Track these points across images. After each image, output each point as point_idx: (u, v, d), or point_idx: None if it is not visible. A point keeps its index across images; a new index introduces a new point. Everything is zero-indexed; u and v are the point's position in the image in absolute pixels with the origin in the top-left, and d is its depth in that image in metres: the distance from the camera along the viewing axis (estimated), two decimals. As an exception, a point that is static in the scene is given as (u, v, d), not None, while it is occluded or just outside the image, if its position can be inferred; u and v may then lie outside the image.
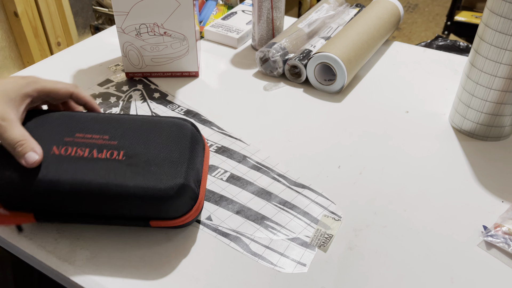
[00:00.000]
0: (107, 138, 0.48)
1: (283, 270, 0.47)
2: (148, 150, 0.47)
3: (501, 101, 0.60)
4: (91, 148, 0.47)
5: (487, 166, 0.60)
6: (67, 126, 0.49)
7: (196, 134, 0.51)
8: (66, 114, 0.50)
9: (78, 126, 0.49)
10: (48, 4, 1.68)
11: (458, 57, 0.85)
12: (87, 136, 0.48)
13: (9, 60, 1.67)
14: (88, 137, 0.48)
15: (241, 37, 0.87)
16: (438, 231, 0.51)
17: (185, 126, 0.50)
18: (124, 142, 0.47)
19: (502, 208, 0.54)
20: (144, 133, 0.48)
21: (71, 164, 0.45)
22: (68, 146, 0.47)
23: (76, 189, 0.44)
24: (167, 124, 0.50)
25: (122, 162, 0.46)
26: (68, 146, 0.47)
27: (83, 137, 0.47)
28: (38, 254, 0.48)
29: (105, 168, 0.45)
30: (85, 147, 0.47)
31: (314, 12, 0.86)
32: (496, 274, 0.47)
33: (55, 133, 0.48)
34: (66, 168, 0.45)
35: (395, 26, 0.86)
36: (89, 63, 0.81)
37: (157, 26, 0.71)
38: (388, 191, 0.56)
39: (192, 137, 0.50)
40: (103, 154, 0.46)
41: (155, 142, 0.48)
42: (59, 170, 0.45)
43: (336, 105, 0.72)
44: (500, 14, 0.56)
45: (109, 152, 0.46)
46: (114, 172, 0.45)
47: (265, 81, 0.77)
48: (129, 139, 0.48)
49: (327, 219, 0.53)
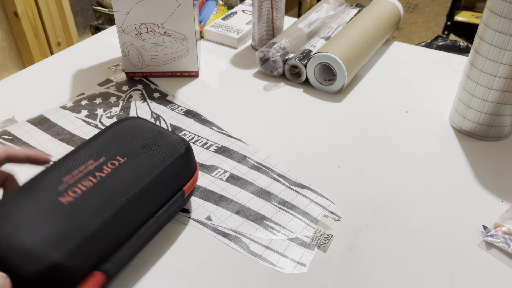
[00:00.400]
0: (92, 162, 0.43)
1: (283, 270, 0.47)
2: (133, 142, 0.46)
3: (501, 101, 0.60)
4: (90, 174, 0.42)
5: (487, 166, 0.60)
6: (50, 179, 0.41)
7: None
8: (37, 175, 0.43)
9: (58, 173, 0.42)
10: (48, 4, 1.68)
11: (458, 57, 0.85)
12: (74, 173, 0.42)
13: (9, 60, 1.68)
14: (77, 173, 0.42)
15: (241, 37, 0.87)
16: (438, 231, 0.51)
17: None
18: (109, 152, 0.45)
19: (502, 208, 0.54)
20: (117, 138, 0.46)
21: (93, 196, 0.41)
22: (69, 190, 0.41)
23: (123, 205, 0.41)
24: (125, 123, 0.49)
25: (128, 162, 0.44)
26: (69, 189, 0.41)
27: (72, 177, 0.42)
28: (38, 254, 0.48)
29: (123, 174, 0.43)
30: (85, 178, 0.42)
31: (314, 12, 0.86)
32: (496, 274, 0.47)
33: (47, 188, 0.41)
34: (93, 201, 0.40)
35: (395, 26, 0.86)
36: (89, 63, 0.81)
37: (157, 26, 0.71)
38: (388, 191, 0.56)
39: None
40: (108, 169, 0.43)
41: (133, 136, 0.47)
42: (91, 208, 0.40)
43: (336, 105, 0.72)
44: (500, 14, 0.56)
45: (110, 164, 0.44)
46: (133, 170, 0.43)
47: (265, 81, 0.77)
48: (110, 149, 0.45)
49: (326, 219, 0.53)
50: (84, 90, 0.74)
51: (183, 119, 0.68)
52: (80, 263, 0.37)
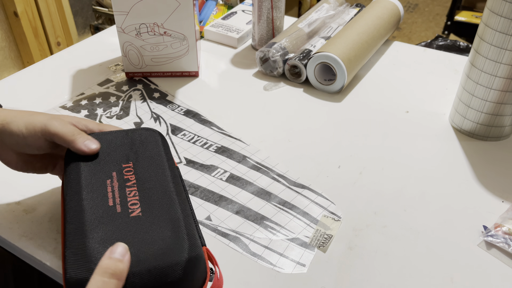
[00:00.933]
0: (109, 179, 0.44)
1: (283, 271, 0.47)
2: (120, 150, 0.47)
3: (501, 101, 0.60)
4: (125, 187, 0.43)
5: (487, 166, 0.60)
6: (102, 207, 0.42)
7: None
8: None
9: (99, 199, 0.43)
10: (48, 4, 1.68)
11: (458, 57, 0.85)
12: (110, 194, 0.43)
13: (9, 60, 1.68)
14: (112, 191, 0.43)
15: (241, 37, 0.87)
16: (438, 231, 0.51)
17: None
18: (116, 164, 0.46)
19: (502, 208, 0.54)
20: (104, 153, 0.46)
21: (150, 201, 0.42)
22: (126, 206, 0.42)
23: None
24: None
25: (136, 163, 0.46)
26: (125, 206, 0.42)
27: (114, 196, 0.43)
28: (38, 254, 0.48)
29: (145, 172, 0.45)
30: (123, 191, 0.43)
31: (314, 12, 0.86)
32: (496, 274, 0.47)
33: (114, 214, 0.41)
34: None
35: (395, 26, 0.86)
36: (89, 63, 0.81)
37: (157, 26, 0.71)
38: (388, 191, 0.56)
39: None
40: (129, 175, 0.45)
41: (113, 147, 0.47)
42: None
43: (336, 105, 0.72)
44: (500, 14, 0.56)
45: (126, 171, 0.45)
46: (148, 165, 0.46)
47: (265, 81, 0.77)
48: (113, 163, 0.46)
49: (326, 219, 0.53)
50: (84, 90, 0.74)
51: (183, 119, 0.68)
52: (198, 247, 0.39)
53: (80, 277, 0.35)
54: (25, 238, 0.49)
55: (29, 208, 0.53)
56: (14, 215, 0.52)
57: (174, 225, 0.40)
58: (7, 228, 0.50)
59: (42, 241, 0.49)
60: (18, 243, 0.49)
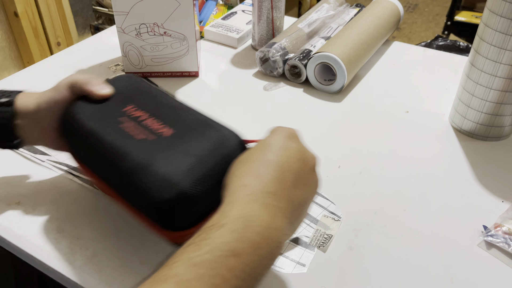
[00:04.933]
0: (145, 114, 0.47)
1: (282, 270, 0.47)
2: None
3: (501, 101, 0.60)
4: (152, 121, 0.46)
5: (487, 166, 0.60)
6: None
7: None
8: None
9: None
10: (48, 4, 1.68)
11: (458, 57, 0.85)
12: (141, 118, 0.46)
13: (9, 60, 1.68)
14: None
15: (241, 37, 0.87)
16: (438, 231, 0.51)
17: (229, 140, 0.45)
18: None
19: (502, 208, 0.54)
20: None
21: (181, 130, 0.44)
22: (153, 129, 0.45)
23: None
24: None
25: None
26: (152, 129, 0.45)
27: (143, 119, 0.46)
28: (38, 254, 0.48)
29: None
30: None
31: (314, 12, 0.86)
32: (496, 274, 0.47)
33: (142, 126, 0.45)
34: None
35: (395, 26, 0.86)
36: (89, 63, 0.81)
37: (157, 26, 0.71)
38: (388, 191, 0.56)
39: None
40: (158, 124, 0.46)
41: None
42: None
43: (336, 105, 0.72)
44: (500, 14, 0.56)
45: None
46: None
47: (265, 81, 0.77)
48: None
49: (326, 219, 0.53)
50: (84, 90, 0.74)
51: (183, 119, 0.68)
52: (204, 193, 0.39)
53: (169, 196, 0.38)
54: (25, 238, 0.49)
55: (29, 208, 0.53)
56: (14, 215, 0.52)
57: (207, 124, 0.44)
58: (7, 228, 0.50)
59: (42, 241, 0.49)
60: (18, 243, 0.49)
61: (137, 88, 0.50)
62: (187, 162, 0.40)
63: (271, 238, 0.34)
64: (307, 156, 0.40)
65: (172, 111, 0.46)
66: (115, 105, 0.48)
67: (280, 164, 0.38)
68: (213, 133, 0.43)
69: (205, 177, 0.39)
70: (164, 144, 0.42)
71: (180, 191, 0.38)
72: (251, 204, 0.35)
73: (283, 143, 0.39)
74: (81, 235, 0.50)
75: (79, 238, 0.49)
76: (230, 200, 0.35)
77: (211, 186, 0.39)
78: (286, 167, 0.38)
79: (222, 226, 0.33)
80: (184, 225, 0.39)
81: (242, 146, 0.43)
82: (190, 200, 0.38)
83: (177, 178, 0.39)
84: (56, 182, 0.56)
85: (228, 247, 0.31)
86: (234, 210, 0.34)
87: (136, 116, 0.46)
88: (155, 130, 0.44)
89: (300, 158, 0.39)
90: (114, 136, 0.44)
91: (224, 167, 0.40)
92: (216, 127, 0.44)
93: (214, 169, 0.40)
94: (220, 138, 0.42)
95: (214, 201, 0.39)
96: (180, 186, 0.38)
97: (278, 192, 0.36)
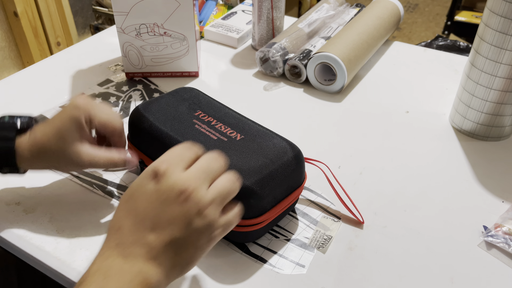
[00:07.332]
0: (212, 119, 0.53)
1: (282, 271, 0.47)
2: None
3: (501, 101, 0.60)
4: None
5: (487, 166, 0.60)
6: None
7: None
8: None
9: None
10: (48, 4, 1.68)
11: (458, 57, 0.85)
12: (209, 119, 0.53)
13: (9, 60, 1.67)
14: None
15: (241, 37, 0.87)
16: (438, 231, 0.51)
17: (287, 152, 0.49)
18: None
19: (502, 208, 0.54)
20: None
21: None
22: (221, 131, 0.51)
23: None
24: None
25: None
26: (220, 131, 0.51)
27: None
28: (38, 254, 0.48)
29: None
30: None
31: (314, 12, 0.85)
32: (496, 274, 0.47)
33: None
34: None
35: (395, 26, 0.86)
36: (89, 63, 0.81)
37: (157, 26, 0.71)
38: (388, 191, 0.56)
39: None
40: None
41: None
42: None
43: (336, 105, 0.72)
44: (500, 14, 0.56)
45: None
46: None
47: (265, 81, 0.77)
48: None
49: (326, 220, 0.53)
50: (84, 90, 0.74)
51: (183, 119, 0.68)
52: (265, 191, 0.45)
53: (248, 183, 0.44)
54: (25, 238, 0.49)
55: (29, 208, 0.53)
56: (14, 215, 0.52)
57: (270, 136, 0.50)
58: (7, 228, 0.50)
59: (42, 241, 0.49)
60: (18, 243, 0.49)
61: (201, 98, 0.56)
62: (258, 162, 0.47)
63: (133, 285, 0.35)
64: (169, 194, 0.37)
65: (237, 120, 0.52)
66: (186, 110, 0.54)
67: (138, 212, 0.37)
68: (276, 143, 0.49)
69: (265, 179, 0.46)
70: (237, 145, 0.49)
71: (253, 182, 0.45)
72: (109, 257, 0.36)
73: (142, 188, 0.38)
74: (81, 235, 0.50)
75: (79, 238, 0.49)
76: (97, 255, 0.37)
77: (268, 188, 0.46)
78: (142, 214, 0.37)
79: (81, 283, 0.34)
80: (246, 215, 0.45)
81: (298, 159, 0.49)
82: (256, 194, 0.45)
83: (252, 173, 0.45)
84: (56, 183, 0.56)
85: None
86: (95, 264, 0.36)
87: (208, 120, 0.52)
88: (226, 133, 0.50)
89: (158, 199, 0.37)
90: (193, 134, 0.50)
91: (281, 174, 0.47)
92: (278, 138, 0.50)
93: (271, 174, 0.46)
94: (281, 149, 0.49)
95: (268, 202, 0.46)
96: (251, 180, 0.45)
97: (136, 240, 0.36)
